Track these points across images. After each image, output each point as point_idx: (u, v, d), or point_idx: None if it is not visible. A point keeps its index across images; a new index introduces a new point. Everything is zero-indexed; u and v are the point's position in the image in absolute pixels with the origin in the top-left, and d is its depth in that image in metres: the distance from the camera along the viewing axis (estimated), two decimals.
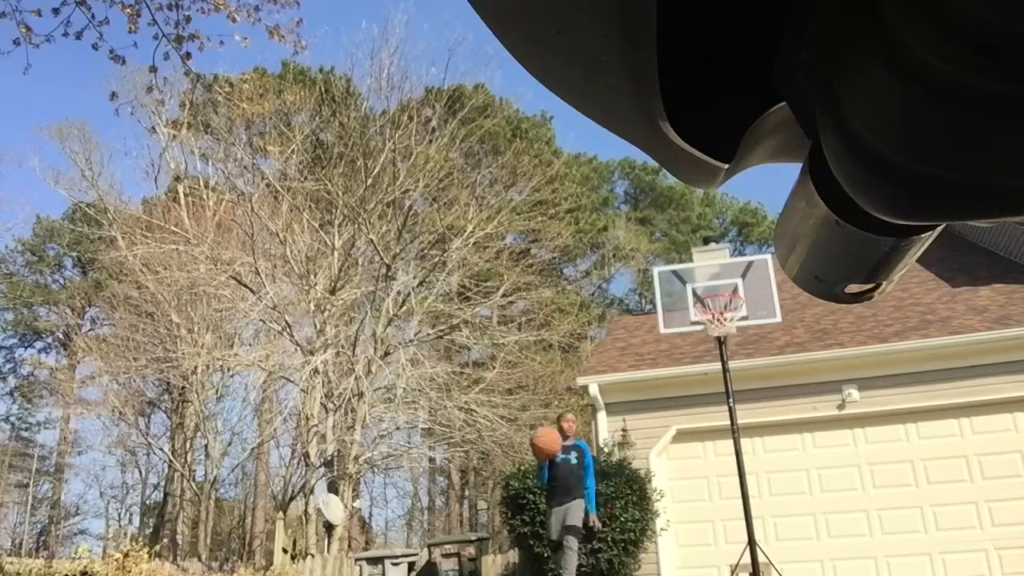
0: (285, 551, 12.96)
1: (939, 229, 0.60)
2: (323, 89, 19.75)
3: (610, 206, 33.97)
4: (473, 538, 11.85)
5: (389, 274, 16.98)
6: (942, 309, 9.54)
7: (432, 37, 46.29)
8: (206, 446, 22.07)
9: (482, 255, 18.28)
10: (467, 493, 30.45)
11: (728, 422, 6.93)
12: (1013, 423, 8.45)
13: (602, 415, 9.58)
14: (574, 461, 6.70)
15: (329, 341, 16.30)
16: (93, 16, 6.05)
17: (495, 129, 22.50)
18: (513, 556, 10.64)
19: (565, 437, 6.79)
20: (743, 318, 7.54)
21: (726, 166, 0.59)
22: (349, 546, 17.66)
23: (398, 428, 17.86)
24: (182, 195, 19.78)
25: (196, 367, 19.93)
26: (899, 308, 9.81)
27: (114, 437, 27.26)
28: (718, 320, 7.35)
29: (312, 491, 15.79)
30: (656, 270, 8.62)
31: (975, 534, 8.20)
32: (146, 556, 9.16)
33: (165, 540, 22.06)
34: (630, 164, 33.51)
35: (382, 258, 16.78)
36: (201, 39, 6.41)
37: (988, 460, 8.37)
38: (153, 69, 6.50)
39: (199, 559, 18.12)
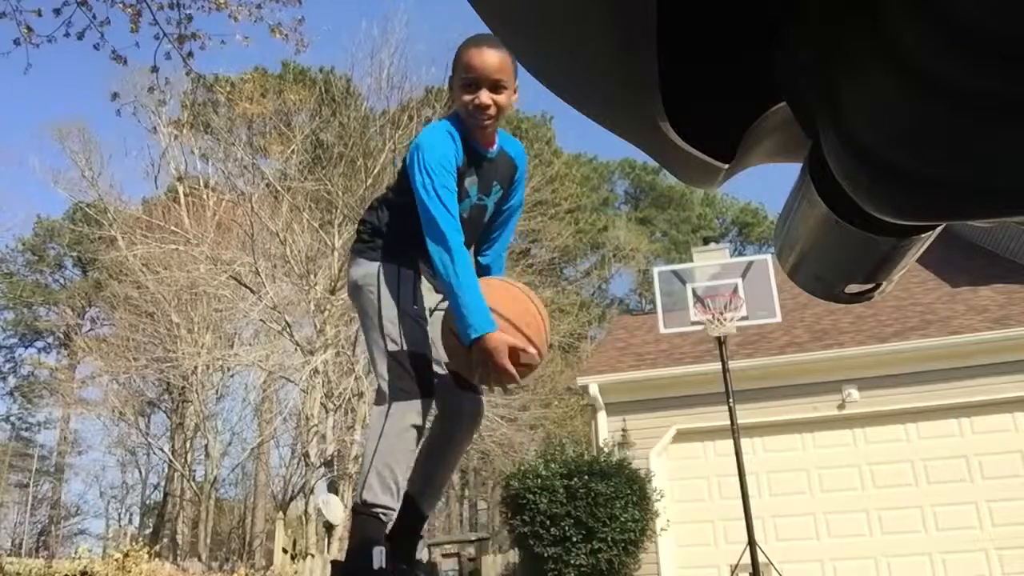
0: (285, 551, 12.96)
1: (939, 229, 0.60)
2: (323, 89, 19.74)
3: (610, 206, 33.99)
4: (473, 538, 11.85)
5: None
6: (942, 309, 9.54)
7: (432, 37, 46.28)
8: (206, 446, 22.08)
9: None
10: (467, 493, 30.45)
11: (728, 422, 6.93)
12: (1013, 423, 8.45)
13: (602, 415, 9.59)
14: (497, 196, 2.64)
15: (329, 341, 16.30)
16: (94, 16, 6.06)
17: None
18: (513, 556, 10.65)
19: (485, 133, 2.48)
20: (743, 318, 7.54)
21: (726, 166, 0.59)
22: None
23: None
24: (182, 195, 19.79)
25: (196, 367, 19.94)
26: (899, 308, 9.81)
27: (114, 437, 27.33)
28: (718, 320, 7.35)
29: (312, 491, 15.80)
30: (656, 270, 8.62)
31: (975, 534, 8.20)
32: (146, 556, 9.16)
33: (165, 540, 22.10)
34: (630, 164, 33.55)
35: None
36: (202, 38, 6.43)
37: (988, 460, 8.37)
38: (155, 69, 6.52)
39: (199, 559, 18.12)
